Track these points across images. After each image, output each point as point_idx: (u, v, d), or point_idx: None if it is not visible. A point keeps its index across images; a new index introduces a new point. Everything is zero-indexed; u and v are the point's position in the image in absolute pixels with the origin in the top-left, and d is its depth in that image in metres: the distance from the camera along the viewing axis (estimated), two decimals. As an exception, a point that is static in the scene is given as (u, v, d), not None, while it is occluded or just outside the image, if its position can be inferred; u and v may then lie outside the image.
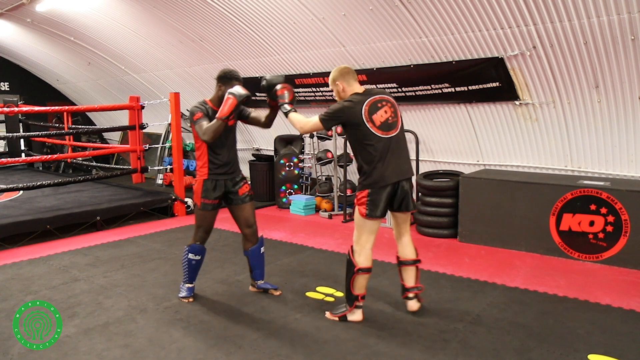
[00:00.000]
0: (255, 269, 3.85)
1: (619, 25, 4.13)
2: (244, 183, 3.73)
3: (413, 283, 3.46)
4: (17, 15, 8.37)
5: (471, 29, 4.91)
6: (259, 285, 3.89)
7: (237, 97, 3.36)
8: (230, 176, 3.65)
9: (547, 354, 2.89)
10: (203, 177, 3.59)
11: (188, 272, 3.74)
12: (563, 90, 4.88)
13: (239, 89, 3.39)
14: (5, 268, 4.59)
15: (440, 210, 5.50)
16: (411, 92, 5.87)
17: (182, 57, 8.04)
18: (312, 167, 7.48)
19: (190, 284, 3.77)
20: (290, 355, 2.90)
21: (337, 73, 3.35)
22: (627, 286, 3.96)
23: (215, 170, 3.59)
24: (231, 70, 3.59)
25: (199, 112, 3.50)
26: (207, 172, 3.58)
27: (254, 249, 3.81)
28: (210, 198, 3.58)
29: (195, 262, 3.70)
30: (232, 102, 3.36)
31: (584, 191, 4.55)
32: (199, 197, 3.60)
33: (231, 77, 3.54)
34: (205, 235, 3.71)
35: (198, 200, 3.62)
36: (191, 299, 3.73)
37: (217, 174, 3.59)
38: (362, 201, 3.24)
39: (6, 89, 11.41)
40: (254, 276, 3.88)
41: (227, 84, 3.52)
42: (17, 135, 7.78)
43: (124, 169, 7.52)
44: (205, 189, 3.58)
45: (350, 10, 5.43)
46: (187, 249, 3.70)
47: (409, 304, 3.47)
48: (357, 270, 3.24)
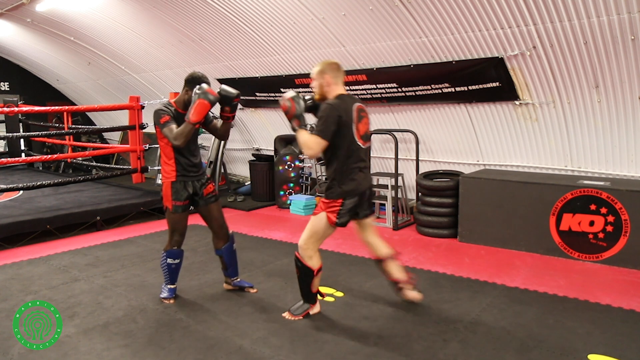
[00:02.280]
0: (230, 266, 3.87)
1: (619, 25, 4.13)
2: (209, 183, 3.73)
3: (404, 274, 3.50)
4: (17, 15, 8.37)
5: (471, 29, 4.91)
6: (235, 283, 3.91)
7: (210, 101, 3.31)
8: (197, 177, 3.65)
9: (547, 354, 2.89)
10: (171, 180, 3.55)
11: (169, 275, 3.73)
12: (563, 90, 4.88)
13: (209, 94, 3.31)
14: (5, 268, 4.59)
15: (440, 210, 5.50)
16: (411, 92, 5.87)
17: (182, 57, 8.04)
18: (312, 167, 7.48)
19: (172, 285, 3.77)
20: (290, 355, 2.90)
21: (326, 66, 3.21)
22: (627, 286, 3.96)
23: (184, 172, 3.56)
24: (200, 75, 3.50)
25: (166, 115, 3.45)
26: (175, 175, 3.55)
27: (227, 246, 3.81)
28: (181, 199, 3.56)
29: (174, 265, 3.71)
30: (205, 107, 3.31)
31: (584, 191, 4.55)
32: (170, 200, 3.56)
33: (200, 82, 3.45)
34: (181, 239, 3.70)
35: (169, 203, 3.57)
36: (172, 300, 3.73)
37: (185, 175, 3.57)
38: (334, 209, 3.18)
39: (6, 89, 11.41)
40: (228, 274, 3.90)
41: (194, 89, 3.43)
42: (17, 135, 7.77)
43: (124, 169, 7.52)
44: (175, 191, 3.55)
45: (350, 10, 5.43)
46: (164, 254, 3.68)
47: (411, 294, 3.50)
48: (316, 272, 3.30)
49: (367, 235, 3.52)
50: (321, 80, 3.22)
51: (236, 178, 9.57)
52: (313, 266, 3.28)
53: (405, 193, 6.38)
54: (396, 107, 6.34)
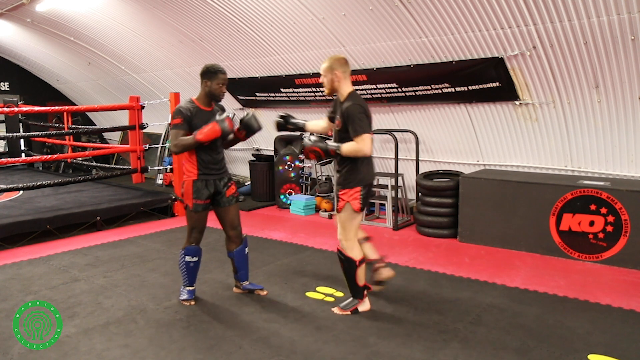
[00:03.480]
0: (240, 270, 3.82)
1: (619, 25, 4.13)
2: (232, 184, 3.69)
3: (377, 254, 3.70)
4: (17, 15, 8.37)
5: (471, 29, 4.91)
6: (244, 286, 3.86)
7: (223, 131, 3.34)
8: (220, 176, 3.61)
9: (547, 354, 2.89)
10: (192, 178, 3.53)
11: (187, 275, 3.68)
12: (563, 90, 4.88)
13: (226, 125, 3.34)
14: (5, 268, 4.59)
15: (440, 210, 5.50)
16: (411, 92, 5.87)
17: (182, 57, 8.04)
18: (312, 167, 7.48)
19: (190, 287, 3.71)
20: (290, 355, 2.90)
21: (336, 62, 3.33)
22: (627, 286, 3.96)
23: (206, 171, 3.53)
24: (214, 64, 3.52)
25: (179, 118, 3.42)
26: (197, 173, 3.52)
27: (239, 250, 3.76)
28: (202, 198, 3.53)
29: (193, 264, 3.65)
30: (215, 134, 3.33)
31: (584, 191, 4.55)
32: (190, 198, 3.53)
33: (216, 70, 3.47)
34: (200, 236, 3.66)
35: (189, 201, 3.54)
36: (192, 302, 3.68)
37: (207, 174, 3.54)
38: (356, 196, 3.30)
39: (6, 89, 11.41)
40: (238, 277, 3.84)
41: (213, 79, 3.46)
42: (17, 135, 7.77)
43: (124, 169, 7.52)
44: (196, 190, 3.52)
45: (350, 10, 5.43)
46: (183, 252, 3.64)
47: (384, 272, 3.67)
48: (358, 264, 3.34)
49: None
50: (331, 76, 3.34)
51: (236, 178, 9.57)
52: (355, 257, 3.35)
53: (405, 193, 6.38)
54: (396, 107, 6.34)
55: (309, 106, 7.23)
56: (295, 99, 7.19)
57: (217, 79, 3.47)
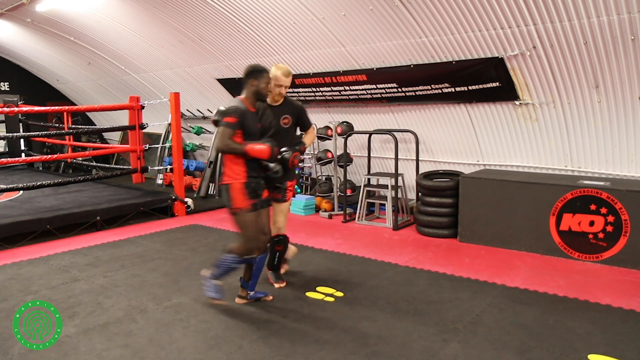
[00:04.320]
0: (253, 277, 3.66)
1: (619, 25, 4.13)
2: (265, 188, 3.61)
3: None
4: (17, 15, 8.37)
5: (471, 29, 4.91)
6: (251, 296, 3.70)
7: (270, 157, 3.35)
8: (261, 179, 3.54)
9: (547, 354, 2.89)
10: (241, 180, 3.38)
11: (223, 273, 3.53)
12: (563, 90, 4.88)
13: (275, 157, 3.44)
14: (5, 268, 4.59)
15: (440, 210, 5.50)
16: (411, 92, 5.87)
17: (182, 57, 8.04)
18: (312, 167, 7.48)
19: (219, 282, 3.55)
20: (290, 355, 2.90)
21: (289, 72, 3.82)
22: (627, 286, 3.96)
23: (254, 173, 3.44)
24: (257, 64, 3.52)
25: (235, 117, 3.30)
26: (246, 175, 3.40)
27: (261, 258, 3.64)
28: (255, 198, 3.43)
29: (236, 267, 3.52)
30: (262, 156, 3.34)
31: (584, 191, 4.55)
32: (246, 200, 3.36)
33: (262, 69, 3.46)
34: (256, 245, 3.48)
35: (245, 204, 3.36)
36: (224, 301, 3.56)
37: (254, 176, 3.45)
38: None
39: (6, 89, 11.41)
40: (248, 286, 3.66)
41: (260, 78, 3.42)
42: (17, 135, 7.78)
43: (124, 169, 7.52)
44: (250, 190, 3.39)
45: (350, 10, 5.43)
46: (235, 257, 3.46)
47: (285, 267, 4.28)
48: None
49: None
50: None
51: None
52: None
53: (405, 193, 6.38)
54: (396, 107, 6.34)
55: (309, 106, 7.22)
56: (295, 99, 7.18)
57: (264, 78, 3.45)
